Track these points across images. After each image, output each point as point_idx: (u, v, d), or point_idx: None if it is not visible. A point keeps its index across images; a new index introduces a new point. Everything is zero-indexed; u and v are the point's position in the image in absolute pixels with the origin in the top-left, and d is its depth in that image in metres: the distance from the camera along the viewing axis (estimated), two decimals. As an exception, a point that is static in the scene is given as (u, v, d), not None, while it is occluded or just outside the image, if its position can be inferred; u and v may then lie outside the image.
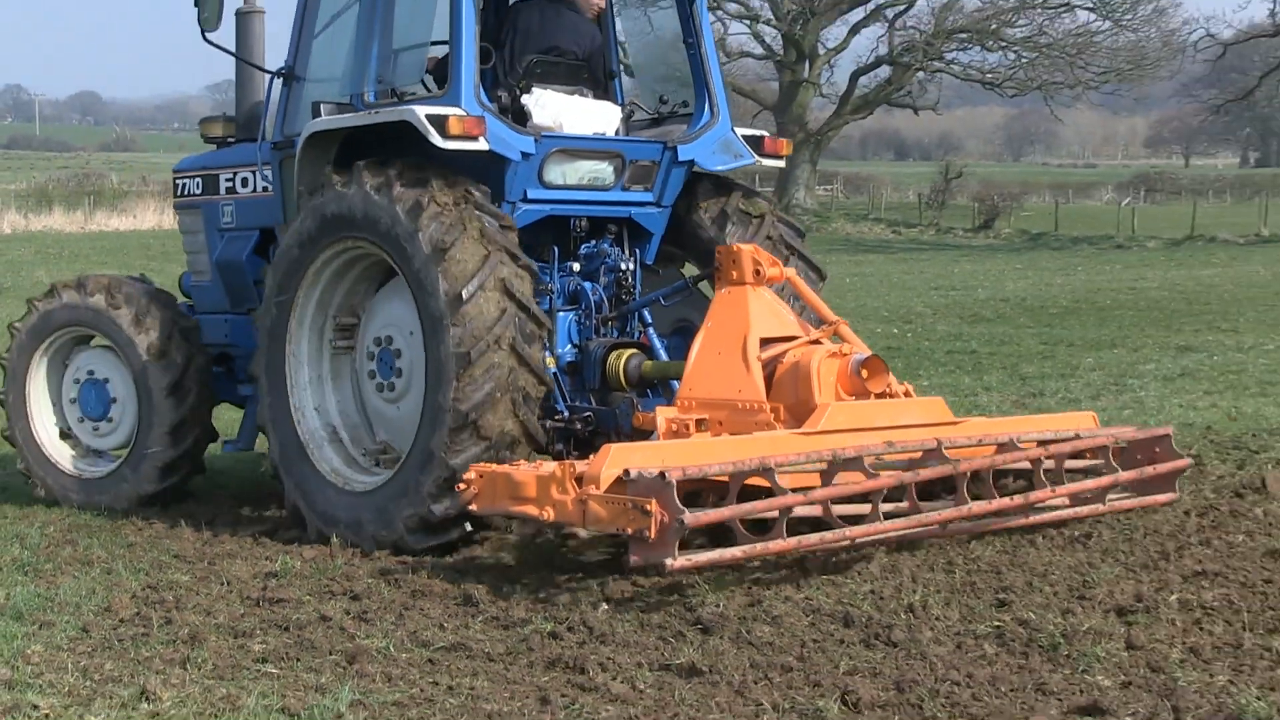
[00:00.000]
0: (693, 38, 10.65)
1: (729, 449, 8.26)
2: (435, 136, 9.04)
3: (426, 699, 6.58)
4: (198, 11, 10.58)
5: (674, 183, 10.49)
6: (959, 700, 6.34)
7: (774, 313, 9.33)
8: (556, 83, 10.30)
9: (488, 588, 8.24)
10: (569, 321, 10.16)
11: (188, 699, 6.56)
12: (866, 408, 8.94)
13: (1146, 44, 55.72)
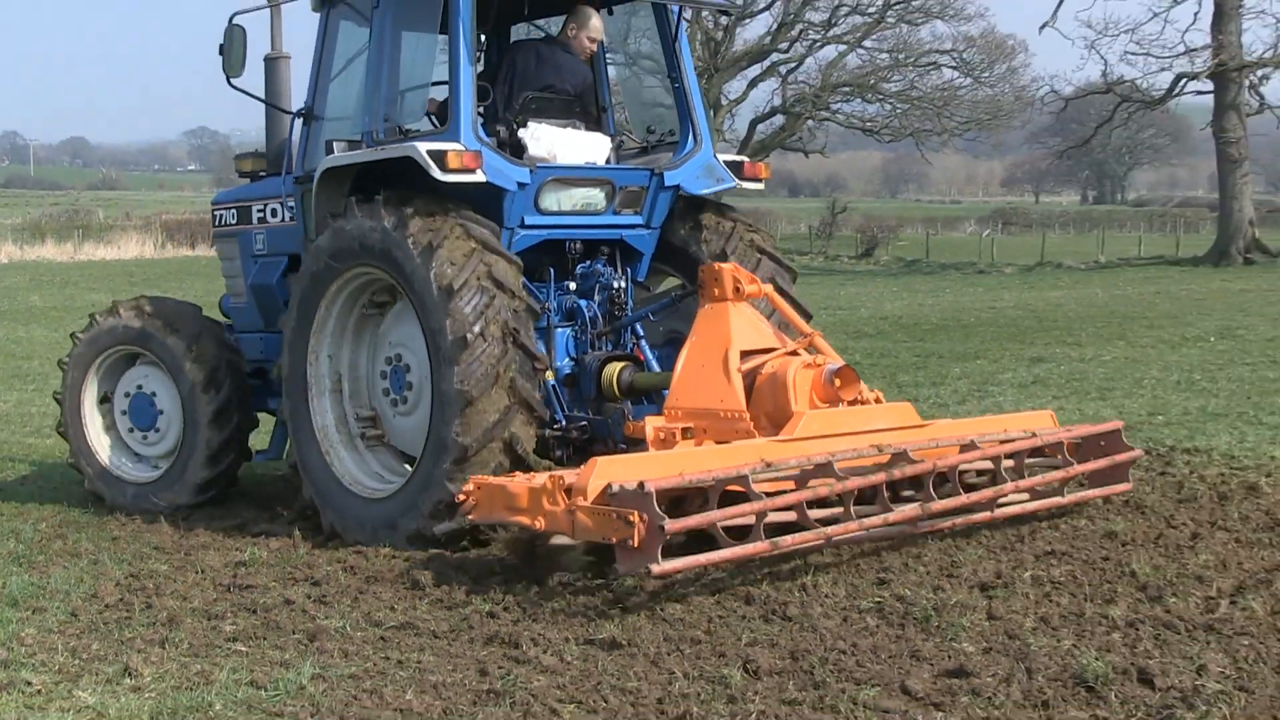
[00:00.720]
0: (675, 72, 10.38)
1: (708, 459, 7.94)
2: (435, 170, 8.78)
3: (379, 672, 6.53)
4: (223, 60, 10.36)
5: (661, 206, 10.21)
6: (845, 666, 6.36)
7: (754, 326, 9.05)
8: (551, 117, 10.01)
9: (433, 574, 8.18)
10: (566, 336, 9.89)
11: (166, 675, 6.53)
12: (839, 414, 8.65)
13: (1001, 98, 56.22)
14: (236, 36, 10.30)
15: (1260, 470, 9.93)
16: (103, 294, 34.51)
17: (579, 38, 10.19)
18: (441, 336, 8.58)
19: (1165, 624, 6.82)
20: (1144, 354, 19.47)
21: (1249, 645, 6.50)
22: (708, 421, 8.66)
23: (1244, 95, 48.34)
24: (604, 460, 7.58)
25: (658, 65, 10.72)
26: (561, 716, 5.87)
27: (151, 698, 6.21)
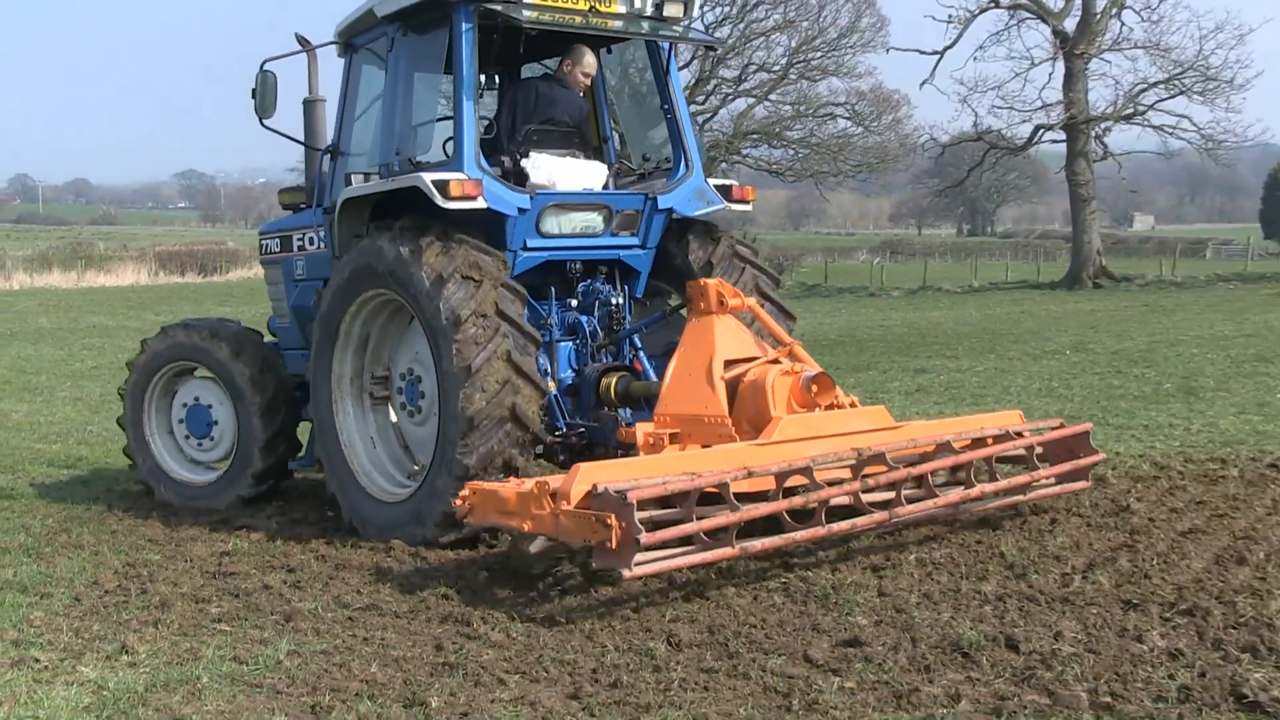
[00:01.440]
0: (668, 104, 9.94)
1: (687, 464, 7.49)
2: (438, 198, 8.42)
3: (347, 648, 6.51)
4: (255, 103, 9.98)
5: (656, 227, 9.73)
6: (755, 638, 6.41)
7: (737, 337, 8.59)
8: (551, 147, 9.61)
9: (394, 561, 8.18)
10: (569, 350, 9.50)
11: (159, 652, 6.49)
12: (816, 418, 8.15)
13: (888, 145, 56.44)
14: (268, 81, 10.02)
15: (1107, 464, 10.02)
16: (103, 316, 34.26)
17: (574, 73, 9.83)
18: (448, 362, 8.24)
19: (1028, 597, 6.92)
20: (1011, 365, 19.62)
21: (1097, 614, 6.62)
22: (693, 427, 8.28)
23: (1091, 144, 48.95)
24: (587, 466, 7.18)
25: (652, 98, 10.33)
26: (508, 685, 5.85)
27: (146, 672, 6.17)
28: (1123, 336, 24.10)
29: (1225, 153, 51.46)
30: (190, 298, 44.00)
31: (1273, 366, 17.35)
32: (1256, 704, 5.36)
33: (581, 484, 6.94)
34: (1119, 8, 48.12)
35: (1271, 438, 11.55)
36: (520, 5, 8.71)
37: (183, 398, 10.64)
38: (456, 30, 8.81)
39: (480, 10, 8.73)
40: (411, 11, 9.13)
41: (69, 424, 15.10)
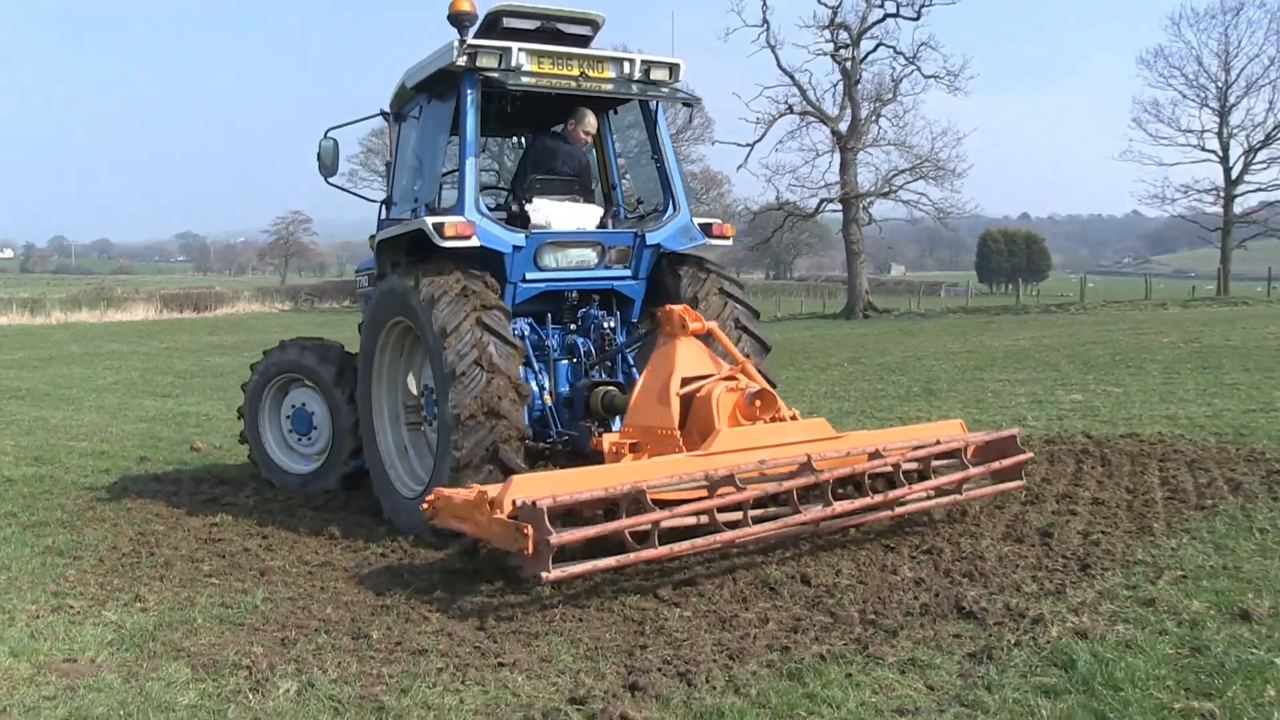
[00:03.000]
0: (657, 153, 8.92)
1: (610, 475, 6.44)
2: (436, 238, 7.68)
3: (308, 595, 6.43)
4: (319, 165, 9.28)
5: (647, 260, 8.72)
6: (617, 582, 6.35)
7: (697, 357, 7.58)
8: (553, 194, 8.73)
9: (342, 529, 8.05)
10: (566, 367, 8.62)
11: (164, 600, 6.36)
12: (755, 430, 7.11)
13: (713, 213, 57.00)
14: (330, 147, 9.31)
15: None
16: (119, 344, 33.17)
17: (576, 130, 8.96)
18: (439, 369, 7.47)
19: (820, 545, 6.99)
20: (805, 374, 19.85)
21: (866, 554, 6.76)
22: (650, 438, 7.32)
23: (859, 213, 49.91)
24: (521, 478, 6.31)
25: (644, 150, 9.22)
26: (431, 621, 5.80)
27: (155, 615, 6.05)
28: (884, 353, 24.58)
29: (951, 220, 52.95)
30: (186, 329, 42.89)
31: (986, 374, 17.83)
32: (972, 614, 5.54)
33: (512, 494, 6.11)
34: (877, 115, 49.27)
35: (985, 425, 11.87)
36: (518, 73, 7.99)
37: (291, 400, 9.90)
38: (461, 95, 8.08)
39: (482, 79, 8.00)
40: (432, 81, 8.46)
41: (94, 427, 14.64)
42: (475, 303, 7.55)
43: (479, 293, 7.65)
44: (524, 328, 8.44)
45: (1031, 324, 34.66)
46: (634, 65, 8.46)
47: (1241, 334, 23.23)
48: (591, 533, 5.93)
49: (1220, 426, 10.84)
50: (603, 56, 8.39)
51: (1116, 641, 5.03)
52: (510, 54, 7.94)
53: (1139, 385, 14.95)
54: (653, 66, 8.53)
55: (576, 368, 8.59)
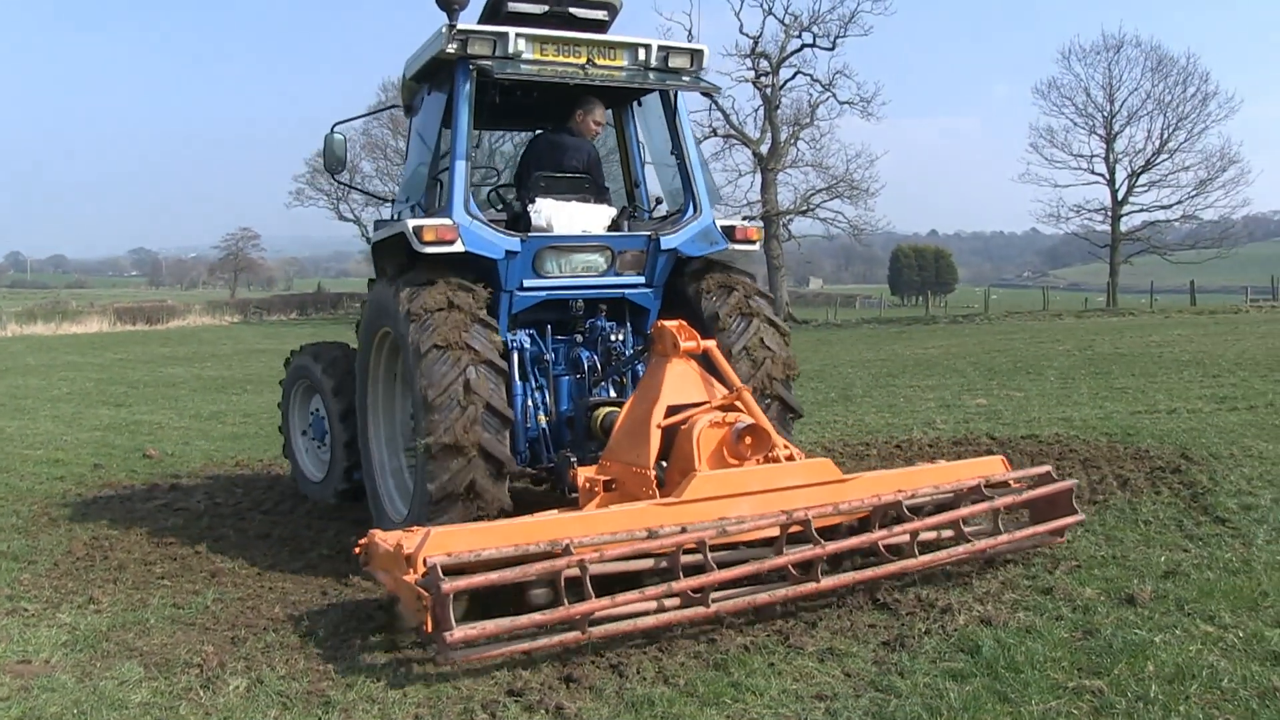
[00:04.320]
0: (678, 148, 7.64)
1: (535, 531, 5.15)
2: (416, 243, 6.56)
3: (257, 595, 6.33)
4: (325, 159, 7.99)
5: (662, 267, 7.45)
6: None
7: (688, 382, 6.25)
8: (559, 193, 7.45)
9: (290, 533, 7.95)
10: (569, 382, 7.32)
11: (117, 602, 6.22)
12: (738, 475, 5.69)
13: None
14: (338, 142, 7.94)
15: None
16: (74, 356, 32.31)
17: (585, 122, 7.74)
18: (417, 391, 6.31)
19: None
20: (728, 382, 19.86)
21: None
22: (626, 477, 6.01)
23: (780, 230, 50.29)
24: (440, 531, 5.08)
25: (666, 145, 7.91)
26: (374, 619, 5.71)
27: (108, 617, 5.91)
28: (804, 361, 24.68)
29: (865, 237, 53.60)
30: (139, 341, 41.93)
31: (899, 380, 18.07)
32: (886, 605, 5.61)
33: (429, 551, 4.88)
34: (796, 139, 49.70)
35: (898, 428, 12.03)
36: (516, 61, 6.86)
37: (312, 406, 9.16)
38: (454, 85, 6.99)
39: (476, 68, 6.88)
40: (428, 71, 7.38)
41: (49, 435, 14.24)
42: (456, 319, 6.43)
43: (461, 306, 6.52)
44: (523, 340, 7.24)
45: (940, 334, 35.21)
46: (651, 52, 7.30)
47: (1129, 342, 23.83)
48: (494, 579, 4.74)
49: (1110, 427, 11.10)
50: (615, 42, 7.22)
51: (1018, 627, 5.13)
52: (506, 39, 6.87)
53: (1038, 390, 15.24)
54: (672, 53, 7.38)
55: (581, 384, 7.30)
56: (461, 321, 6.42)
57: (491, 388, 6.35)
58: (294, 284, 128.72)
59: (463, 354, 6.32)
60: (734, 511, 5.46)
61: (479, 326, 6.50)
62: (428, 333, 6.34)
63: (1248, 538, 6.45)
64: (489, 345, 6.46)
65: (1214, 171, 49.29)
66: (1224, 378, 15.15)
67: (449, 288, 6.59)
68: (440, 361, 6.26)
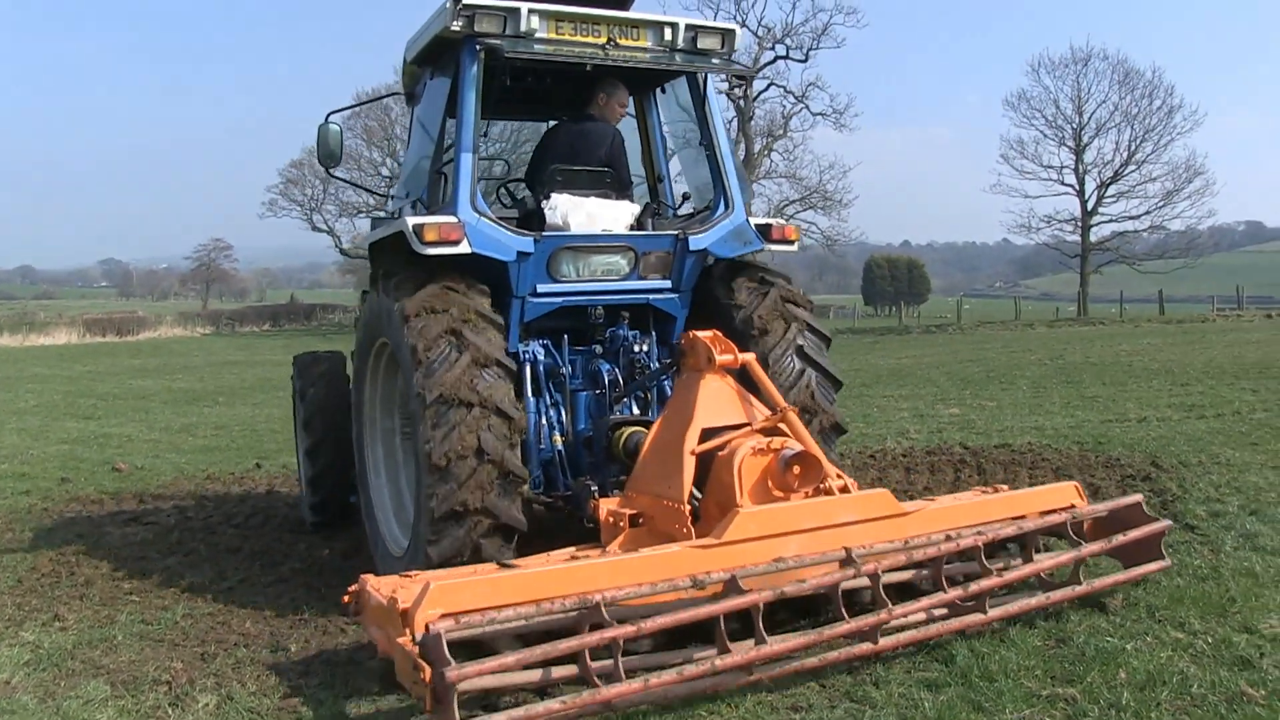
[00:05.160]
0: (707, 138, 6.83)
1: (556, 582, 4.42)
2: (416, 243, 5.79)
3: (228, 610, 6.26)
4: (319, 152, 7.15)
5: (691, 270, 6.69)
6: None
7: (725, 401, 5.48)
8: (577, 188, 6.65)
9: (263, 546, 7.85)
10: (588, 399, 6.54)
11: (84, 619, 6.12)
12: (786, 511, 4.93)
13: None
14: (332, 133, 7.13)
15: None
16: (42, 368, 31.95)
17: (609, 105, 7.03)
18: (415, 401, 5.59)
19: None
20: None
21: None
22: (656, 511, 5.24)
23: (756, 240, 50.31)
24: (442, 585, 4.26)
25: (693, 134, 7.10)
26: (348, 634, 5.66)
27: (74, 634, 5.80)
28: (776, 371, 24.71)
29: (839, 247, 53.89)
30: (109, 353, 41.57)
31: (872, 390, 18.13)
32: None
33: (430, 609, 4.14)
34: (769, 150, 49.96)
35: (872, 437, 12.06)
36: (529, 40, 6.14)
37: None
38: (460, 67, 6.21)
39: (484, 48, 6.13)
40: (431, 53, 6.64)
41: (14, 449, 14.07)
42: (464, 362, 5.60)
43: (464, 309, 5.78)
44: (536, 352, 6.52)
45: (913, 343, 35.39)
46: (678, 31, 6.55)
47: (1099, 351, 24.03)
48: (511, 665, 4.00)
49: (1082, 436, 11.17)
50: (639, 20, 6.52)
51: (991, 636, 5.14)
52: (518, 16, 6.12)
53: (1010, 399, 15.34)
54: (700, 33, 6.63)
55: (601, 401, 6.53)
56: (472, 362, 5.62)
57: (499, 394, 5.59)
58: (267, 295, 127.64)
59: (472, 411, 5.49)
60: (783, 552, 4.75)
61: (493, 330, 5.78)
62: (434, 378, 5.52)
63: (1216, 544, 6.50)
64: (495, 352, 5.70)
65: (1180, 183, 50.08)
66: (1192, 386, 15.30)
67: (453, 293, 5.85)
68: (444, 420, 5.46)
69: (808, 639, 4.52)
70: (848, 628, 4.62)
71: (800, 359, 6.53)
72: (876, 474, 9.58)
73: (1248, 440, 10.16)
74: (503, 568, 4.87)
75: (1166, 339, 27.81)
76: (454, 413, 5.47)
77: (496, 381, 5.61)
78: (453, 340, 5.63)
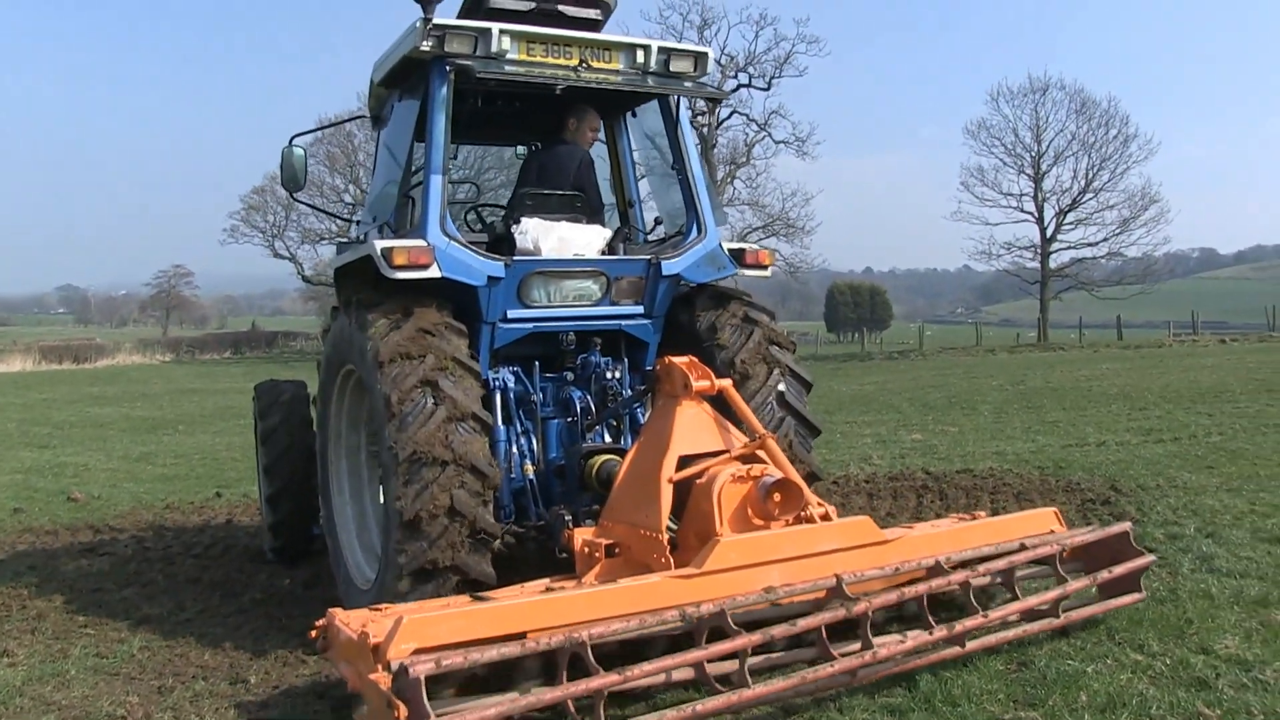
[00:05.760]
0: (679, 162, 6.79)
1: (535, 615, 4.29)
2: (385, 267, 5.69)
3: (186, 642, 6.14)
4: (283, 176, 7.02)
5: (663, 295, 6.62)
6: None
7: (702, 428, 5.39)
8: (547, 212, 6.60)
9: (222, 576, 7.73)
10: (560, 426, 6.46)
11: (34, 653, 5.98)
12: (767, 540, 4.85)
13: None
14: (297, 157, 7.01)
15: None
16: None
17: (581, 130, 7.05)
18: (387, 454, 5.42)
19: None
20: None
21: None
22: (632, 541, 5.11)
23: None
24: (415, 618, 4.11)
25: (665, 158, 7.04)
26: (308, 664, 5.59)
27: (23, 670, 5.67)
28: (740, 397, 24.79)
29: (801, 274, 54.23)
30: (66, 380, 40.96)
31: (836, 416, 18.22)
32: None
33: (403, 643, 3.98)
34: (732, 177, 50.31)
35: (835, 464, 12.11)
36: (500, 61, 6.09)
37: None
38: (429, 88, 6.13)
39: (454, 69, 6.05)
40: (400, 73, 6.54)
41: (-35, 479, 13.83)
42: (439, 417, 5.42)
43: (450, 395, 5.48)
44: (507, 379, 6.43)
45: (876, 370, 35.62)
46: (650, 54, 6.54)
47: (1059, 376, 24.31)
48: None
49: (1043, 460, 11.28)
50: (611, 42, 6.47)
51: (954, 660, 5.16)
52: (489, 36, 6.07)
53: (972, 424, 15.47)
54: (673, 55, 6.60)
55: (572, 429, 6.44)
56: (435, 364, 5.52)
57: (479, 504, 5.42)
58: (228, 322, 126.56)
59: (447, 469, 5.35)
60: (765, 582, 4.66)
61: (458, 374, 5.59)
62: (406, 433, 5.35)
63: (1174, 567, 6.58)
64: (479, 446, 5.48)
65: (1136, 210, 50.84)
66: (1150, 410, 15.51)
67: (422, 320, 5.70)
68: (417, 476, 5.32)
69: (790, 683, 4.42)
70: (835, 669, 4.53)
71: (781, 406, 6.41)
72: (840, 500, 9.61)
73: (1204, 464, 10.31)
74: (476, 600, 4.77)
75: (1125, 364, 28.20)
76: (427, 470, 5.31)
77: (472, 436, 5.45)
78: (428, 391, 5.46)
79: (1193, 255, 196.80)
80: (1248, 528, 7.49)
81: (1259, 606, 5.69)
